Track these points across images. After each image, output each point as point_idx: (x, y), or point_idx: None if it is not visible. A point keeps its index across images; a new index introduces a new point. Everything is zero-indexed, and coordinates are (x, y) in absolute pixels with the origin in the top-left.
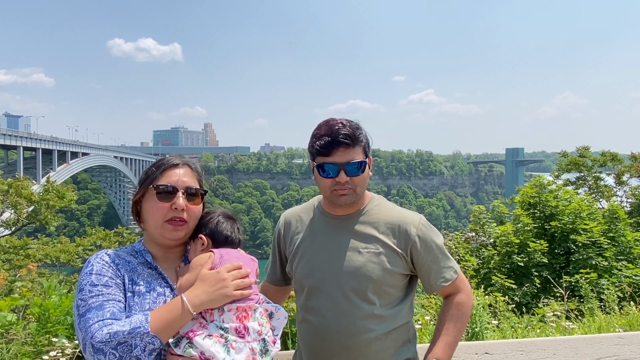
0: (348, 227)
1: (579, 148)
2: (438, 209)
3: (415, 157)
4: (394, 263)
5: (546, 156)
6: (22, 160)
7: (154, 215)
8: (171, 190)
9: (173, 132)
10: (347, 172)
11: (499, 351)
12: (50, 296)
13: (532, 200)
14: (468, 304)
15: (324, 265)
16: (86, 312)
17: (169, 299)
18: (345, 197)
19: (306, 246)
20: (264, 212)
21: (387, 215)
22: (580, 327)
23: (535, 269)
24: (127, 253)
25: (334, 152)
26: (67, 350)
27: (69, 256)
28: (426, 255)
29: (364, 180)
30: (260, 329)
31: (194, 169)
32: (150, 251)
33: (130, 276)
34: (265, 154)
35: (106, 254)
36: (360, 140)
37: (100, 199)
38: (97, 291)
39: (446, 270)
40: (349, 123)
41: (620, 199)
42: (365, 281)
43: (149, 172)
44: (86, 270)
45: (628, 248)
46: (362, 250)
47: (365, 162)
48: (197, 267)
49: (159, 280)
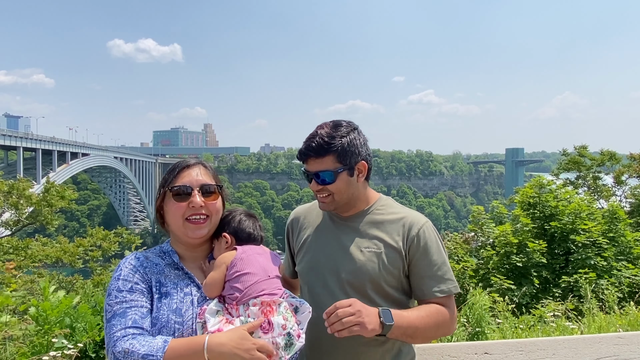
0: (352, 226)
1: (577, 147)
2: (438, 209)
3: (415, 158)
4: (394, 263)
5: (546, 156)
6: (22, 160)
7: (174, 215)
8: (187, 189)
9: (173, 133)
10: (318, 181)
11: (498, 351)
12: (47, 297)
13: (532, 201)
14: (451, 323)
15: (325, 262)
16: (111, 319)
17: (196, 298)
18: (325, 205)
19: (311, 243)
20: (264, 212)
21: (392, 215)
22: (580, 327)
23: (534, 269)
24: (155, 254)
25: (307, 161)
26: (67, 351)
27: (70, 257)
28: (423, 257)
29: (339, 189)
30: (285, 323)
31: (208, 167)
32: (177, 251)
33: (158, 278)
34: (265, 155)
35: (135, 257)
36: (334, 149)
37: (100, 199)
38: (122, 297)
39: (446, 281)
40: (326, 131)
41: (619, 198)
42: (365, 279)
43: (166, 177)
44: (115, 274)
45: (628, 248)
46: (363, 249)
47: (338, 170)
48: (222, 265)
49: (185, 281)
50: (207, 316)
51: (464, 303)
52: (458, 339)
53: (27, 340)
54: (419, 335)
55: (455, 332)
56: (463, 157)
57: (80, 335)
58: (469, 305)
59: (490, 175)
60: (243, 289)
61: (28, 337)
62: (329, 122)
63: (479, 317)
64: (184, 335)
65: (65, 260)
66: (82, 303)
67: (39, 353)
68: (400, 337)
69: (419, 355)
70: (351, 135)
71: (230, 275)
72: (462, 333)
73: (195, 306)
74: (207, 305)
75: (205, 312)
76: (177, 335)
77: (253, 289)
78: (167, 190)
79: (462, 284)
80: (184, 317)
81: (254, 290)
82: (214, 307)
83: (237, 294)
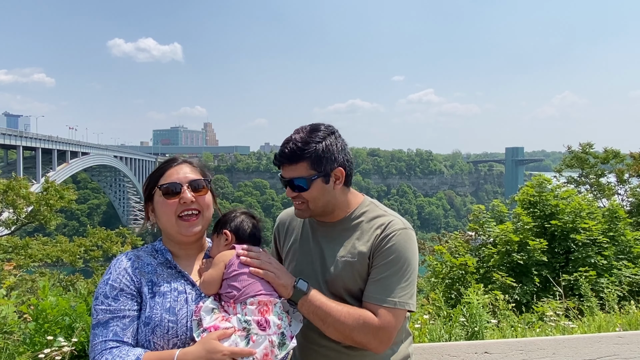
0: (331, 234)
1: (583, 144)
2: (438, 209)
3: (415, 157)
4: (366, 271)
5: (546, 155)
6: (21, 159)
7: (166, 214)
8: (176, 187)
9: (173, 132)
10: (293, 188)
11: (498, 350)
12: (46, 296)
13: (533, 199)
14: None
15: (307, 270)
16: (95, 326)
17: (190, 296)
18: (300, 212)
19: (295, 250)
20: (264, 211)
21: (370, 221)
22: (580, 327)
23: (534, 267)
24: (147, 253)
25: (282, 167)
26: (64, 349)
27: (70, 256)
28: (380, 261)
29: (313, 197)
30: (280, 323)
31: (194, 164)
32: (170, 249)
33: (150, 278)
34: (265, 154)
35: (126, 258)
36: (307, 156)
37: (100, 198)
38: (107, 305)
39: (389, 292)
40: (301, 136)
41: (621, 197)
42: (342, 288)
43: (151, 178)
44: (105, 277)
45: (628, 247)
46: (339, 258)
47: (311, 178)
48: (220, 263)
49: (179, 279)
50: (203, 314)
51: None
52: (457, 338)
53: (27, 339)
54: (330, 324)
55: (455, 332)
56: (463, 156)
57: (79, 335)
58: (465, 303)
59: (490, 174)
60: (241, 288)
61: (28, 335)
62: (306, 126)
63: (476, 316)
64: (179, 333)
65: (65, 259)
66: (80, 303)
67: (37, 351)
68: (311, 315)
69: (418, 355)
70: (327, 140)
71: (229, 274)
72: (461, 332)
73: (190, 304)
74: (202, 303)
75: (201, 309)
76: (171, 333)
77: (251, 288)
78: (156, 189)
79: (463, 280)
80: (177, 316)
81: (252, 289)
82: (210, 305)
83: (234, 292)
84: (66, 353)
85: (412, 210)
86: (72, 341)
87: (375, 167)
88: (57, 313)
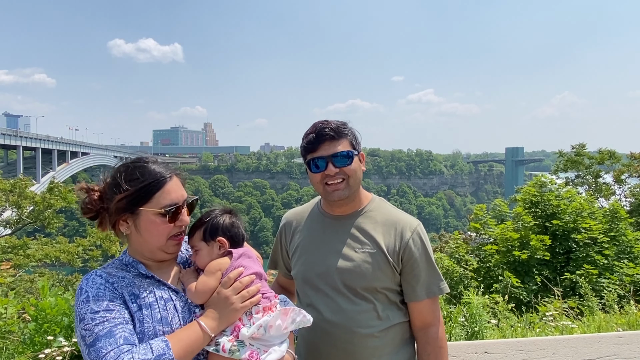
0: (345, 227)
1: (575, 146)
2: (438, 209)
3: (415, 157)
4: (387, 265)
5: (546, 155)
6: (21, 160)
7: (158, 235)
8: (178, 209)
9: (173, 132)
10: (335, 163)
11: (498, 350)
12: (46, 296)
13: (535, 199)
14: (444, 337)
15: (320, 263)
16: (95, 342)
17: (177, 303)
18: (339, 192)
19: (305, 245)
20: (264, 211)
21: (385, 216)
22: (580, 327)
23: (536, 267)
24: (117, 268)
25: (320, 147)
26: (64, 349)
27: (70, 256)
28: (415, 261)
29: (355, 172)
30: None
31: (180, 176)
32: (140, 261)
33: (131, 291)
34: (265, 154)
35: (97, 275)
36: (346, 133)
37: None
38: (101, 318)
39: (434, 283)
40: (334, 121)
41: (619, 197)
42: (359, 280)
43: (141, 190)
44: (81, 298)
45: (629, 247)
46: (357, 249)
47: (353, 153)
48: (217, 272)
49: (161, 288)
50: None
51: (460, 301)
52: (457, 338)
53: (27, 339)
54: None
55: (454, 332)
56: (463, 156)
57: None
58: (464, 303)
59: (490, 174)
60: None
61: (28, 335)
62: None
63: (476, 316)
64: None
65: (63, 259)
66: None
67: (36, 351)
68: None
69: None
70: (352, 127)
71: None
72: (461, 332)
73: (180, 312)
74: (199, 312)
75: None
76: None
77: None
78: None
79: (464, 285)
80: (172, 326)
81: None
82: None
83: None
84: (66, 353)
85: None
86: (72, 341)
87: (375, 167)
88: (56, 313)
